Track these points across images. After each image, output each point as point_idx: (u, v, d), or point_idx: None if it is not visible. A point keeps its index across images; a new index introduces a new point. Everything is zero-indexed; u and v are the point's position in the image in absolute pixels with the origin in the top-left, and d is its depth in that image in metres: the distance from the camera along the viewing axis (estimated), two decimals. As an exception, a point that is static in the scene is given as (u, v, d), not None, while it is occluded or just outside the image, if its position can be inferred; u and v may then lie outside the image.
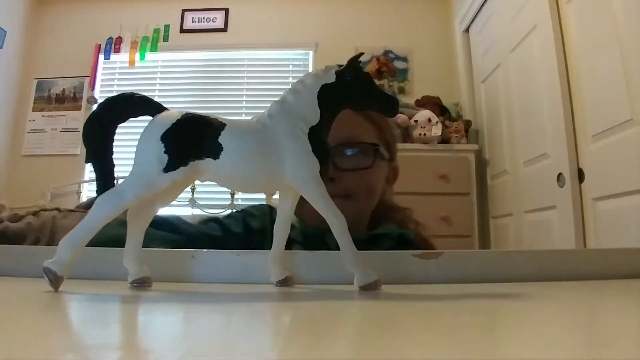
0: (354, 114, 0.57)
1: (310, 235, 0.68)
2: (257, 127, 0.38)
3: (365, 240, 0.70)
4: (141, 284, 0.39)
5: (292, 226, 0.60)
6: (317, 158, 0.37)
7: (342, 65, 0.39)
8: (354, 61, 0.39)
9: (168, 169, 0.36)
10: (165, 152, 0.35)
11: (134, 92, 0.39)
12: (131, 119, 0.38)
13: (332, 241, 0.39)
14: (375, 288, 0.37)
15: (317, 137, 0.38)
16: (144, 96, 0.39)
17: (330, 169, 0.64)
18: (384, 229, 0.75)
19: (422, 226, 0.83)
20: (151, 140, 0.36)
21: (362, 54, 0.40)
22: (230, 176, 0.38)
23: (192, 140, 0.36)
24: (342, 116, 0.41)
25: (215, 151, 0.36)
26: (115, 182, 0.37)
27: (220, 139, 0.36)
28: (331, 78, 0.39)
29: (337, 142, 0.69)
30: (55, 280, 0.34)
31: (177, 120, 0.36)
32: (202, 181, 0.39)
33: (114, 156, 0.38)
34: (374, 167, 0.75)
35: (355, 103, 0.40)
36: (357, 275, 0.38)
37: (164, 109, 0.38)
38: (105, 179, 0.37)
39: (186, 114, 0.37)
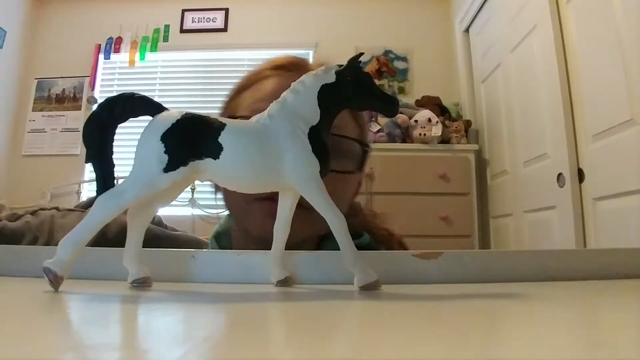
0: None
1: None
2: (257, 127, 0.38)
3: None
4: (141, 284, 0.39)
5: None
6: (317, 158, 0.37)
7: (342, 65, 0.39)
8: (354, 61, 0.39)
9: (168, 169, 0.36)
10: (165, 152, 0.36)
11: (134, 92, 0.39)
12: (131, 119, 0.38)
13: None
14: (375, 288, 0.37)
15: (317, 137, 0.38)
16: (144, 96, 0.39)
17: None
18: (329, 246, 0.61)
19: (380, 217, 0.72)
20: (151, 140, 0.36)
21: (362, 54, 0.40)
22: (230, 176, 0.38)
23: (192, 140, 0.36)
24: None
25: (215, 151, 0.36)
26: (115, 182, 0.37)
27: (220, 139, 0.36)
28: (331, 78, 0.39)
29: None
30: (55, 280, 0.34)
31: (177, 120, 0.36)
32: (202, 181, 0.39)
33: (114, 156, 0.38)
34: (355, 175, 0.64)
35: (355, 103, 0.40)
36: (357, 275, 0.38)
37: (164, 109, 0.38)
38: (105, 179, 0.37)
39: (186, 113, 0.37)
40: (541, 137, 1.96)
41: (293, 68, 0.66)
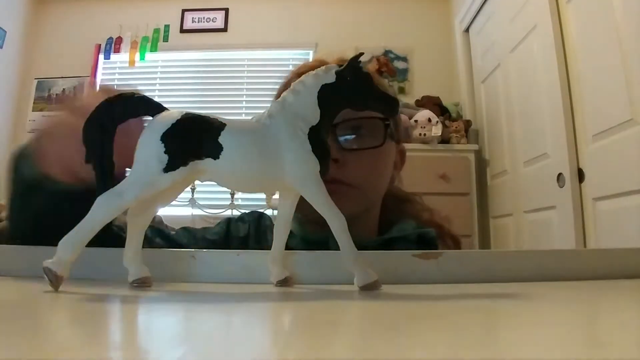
0: None
1: (313, 242, 0.63)
2: (257, 127, 0.38)
3: (379, 246, 0.64)
4: (141, 284, 0.39)
5: (292, 234, 0.58)
6: (317, 158, 0.37)
7: (342, 65, 0.39)
8: (354, 61, 0.39)
9: (168, 169, 0.36)
10: (165, 152, 0.36)
11: (134, 92, 0.39)
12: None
13: (335, 245, 0.38)
14: (375, 288, 0.37)
15: (317, 137, 0.38)
16: (144, 96, 0.39)
17: (333, 150, 0.62)
18: (399, 231, 0.69)
19: (436, 213, 0.78)
20: (151, 140, 0.36)
21: (362, 54, 0.40)
22: (230, 176, 0.38)
23: (192, 140, 0.36)
24: None
25: (215, 151, 0.36)
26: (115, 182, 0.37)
27: (220, 139, 0.36)
28: (331, 78, 0.39)
29: (341, 118, 0.57)
30: (55, 280, 0.34)
31: (177, 120, 0.36)
32: (202, 181, 0.39)
33: (114, 156, 0.38)
34: (384, 147, 0.67)
35: (355, 103, 0.40)
36: (357, 275, 0.38)
37: (164, 109, 0.38)
38: (105, 179, 0.37)
39: (186, 113, 0.37)
40: (541, 137, 1.96)
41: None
